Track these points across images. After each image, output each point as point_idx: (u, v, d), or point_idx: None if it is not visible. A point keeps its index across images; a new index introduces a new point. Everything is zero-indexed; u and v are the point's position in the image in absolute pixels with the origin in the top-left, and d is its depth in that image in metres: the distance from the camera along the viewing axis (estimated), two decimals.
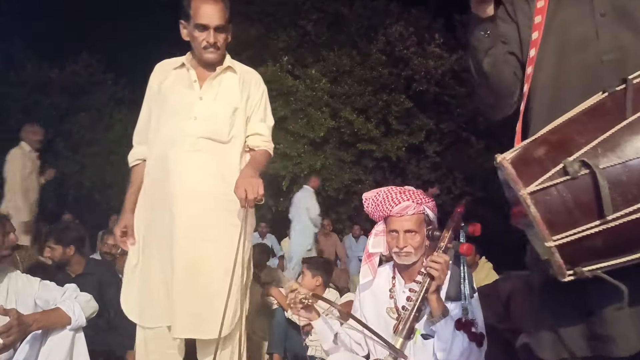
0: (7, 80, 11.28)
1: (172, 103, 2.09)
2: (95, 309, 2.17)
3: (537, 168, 1.01)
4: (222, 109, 2.09)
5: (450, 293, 1.91)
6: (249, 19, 10.67)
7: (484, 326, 1.93)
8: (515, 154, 1.08)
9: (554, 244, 0.99)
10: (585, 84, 1.19)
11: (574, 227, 0.98)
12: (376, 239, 2.11)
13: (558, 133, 1.07)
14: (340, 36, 10.75)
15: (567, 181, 0.98)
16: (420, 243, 1.99)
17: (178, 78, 2.13)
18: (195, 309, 1.97)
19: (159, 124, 2.11)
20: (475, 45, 1.34)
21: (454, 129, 10.45)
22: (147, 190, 2.13)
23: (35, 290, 2.13)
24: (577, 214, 0.98)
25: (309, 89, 9.75)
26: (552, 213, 0.99)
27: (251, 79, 2.21)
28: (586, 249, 1.00)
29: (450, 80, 10.20)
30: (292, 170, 9.54)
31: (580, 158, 0.98)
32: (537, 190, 0.99)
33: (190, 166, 2.01)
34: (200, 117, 2.05)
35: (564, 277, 1.02)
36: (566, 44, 1.27)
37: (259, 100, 2.22)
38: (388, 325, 2.00)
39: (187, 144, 2.02)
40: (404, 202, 1.99)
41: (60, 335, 2.00)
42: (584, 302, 1.14)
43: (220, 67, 2.12)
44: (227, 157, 2.10)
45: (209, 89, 2.10)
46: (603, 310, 1.11)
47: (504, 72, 1.33)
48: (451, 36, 10.44)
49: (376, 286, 2.12)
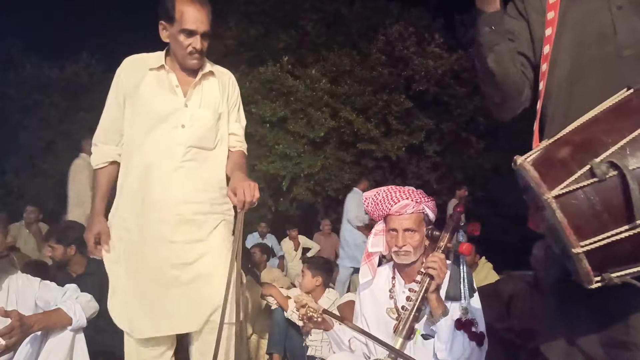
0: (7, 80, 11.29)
1: (156, 109, 1.99)
2: (96, 310, 2.17)
3: (562, 170, 0.96)
4: (208, 115, 2.05)
5: (450, 293, 1.91)
6: (249, 19, 10.67)
7: (484, 326, 1.93)
8: (536, 156, 1.03)
9: (581, 250, 0.93)
10: (604, 81, 1.14)
11: (603, 232, 0.92)
12: (376, 239, 2.11)
13: (582, 133, 1.01)
14: (340, 36, 10.74)
15: (595, 183, 0.92)
16: (419, 242, 1.99)
17: (157, 81, 2.02)
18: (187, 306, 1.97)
19: (140, 130, 2.01)
20: (479, 40, 1.28)
21: (454, 129, 10.44)
22: (126, 198, 2.03)
23: (35, 291, 2.13)
24: (605, 218, 0.92)
25: (309, 89, 9.74)
26: (580, 217, 0.93)
27: (229, 81, 2.17)
28: (615, 255, 0.94)
29: (450, 80, 10.19)
30: (292, 170, 9.54)
31: (608, 159, 0.92)
32: (562, 194, 0.94)
33: (182, 176, 1.98)
34: (188, 125, 2.00)
35: (591, 284, 0.96)
36: (582, 39, 1.21)
37: (235, 101, 2.19)
38: (388, 325, 2.00)
39: (177, 153, 1.98)
40: (403, 200, 2.00)
41: (60, 336, 2.00)
42: (605, 307, 1.09)
43: (202, 72, 2.05)
44: (215, 163, 2.09)
45: (192, 95, 2.03)
46: (630, 316, 1.06)
47: (509, 69, 1.27)
48: (451, 36, 10.44)
49: (376, 286, 2.12)
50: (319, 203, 9.97)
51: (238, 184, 1.86)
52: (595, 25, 1.20)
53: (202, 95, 2.06)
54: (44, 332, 1.98)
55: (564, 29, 1.23)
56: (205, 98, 2.06)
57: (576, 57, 1.22)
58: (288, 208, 9.95)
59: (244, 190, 1.82)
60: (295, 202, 9.95)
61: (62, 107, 11.61)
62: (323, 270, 3.41)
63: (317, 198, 9.89)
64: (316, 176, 9.58)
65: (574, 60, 1.22)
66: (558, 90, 1.24)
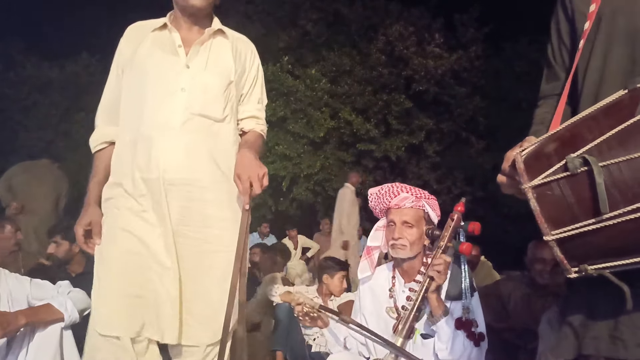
0: (7, 80, 11.28)
1: (152, 73, 1.70)
2: (89, 304, 2.15)
3: (545, 163, 1.02)
4: (215, 80, 1.74)
5: (451, 292, 1.91)
6: (249, 19, 10.67)
7: (484, 326, 1.93)
8: (532, 149, 1.09)
9: (552, 238, 0.99)
10: (625, 80, 1.13)
11: (573, 223, 0.98)
12: (376, 234, 2.13)
13: (573, 129, 1.06)
14: (340, 36, 10.74)
15: (568, 177, 0.98)
16: (416, 238, 1.99)
17: (157, 42, 1.74)
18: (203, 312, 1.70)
19: (135, 99, 1.72)
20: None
21: (454, 129, 10.44)
22: (116, 177, 1.74)
23: (27, 290, 2.10)
24: (576, 210, 0.98)
25: (309, 89, 9.74)
26: (553, 208, 0.99)
27: (247, 49, 1.86)
28: (588, 247, 0.99)
29: (450, 80, 10.18)
30: (292, 171, 9.54)
31: (583, 154, 0.97)
32: (539, 185, 1.00)
33: (181, 149, 1.67)
34: (189, 88, 1.69)
35: (569, 273, 1.02)
36: (614, 35, 1.20)
37: (255, 76, 1.88)
38: (388, 325, 2.00)
39: (176, 121, 1.67)
40: (403, 193, 2.01)
41: (47, 331, 1.98)
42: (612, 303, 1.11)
43: (210, 29, 1.75)
44: (221, 139, 1.76)
45: (196, 56, 1.73)
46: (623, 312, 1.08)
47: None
48: (451, 36, 10.43)
49: (376, 286, 2.12)
50: (318, 203, 9.96)
51: (246, 169, 1.61)
52: (628, 20, 1.19)
53: (208, 56, 1.75)
54: (32, 329, 1.96)
55: (600, 23, 1.22)
56: (212, 59, 1.75)
57: (607, 53, 1.21)
58: (288, 208, 9.94)
59: (250, 178, 1.58)
60: (295, 202, 9.95)
61: (62, 107, 11.60)
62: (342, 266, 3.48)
63: (317, 198, 9.89)
64: (316, 176, 9.58)
65: (604, 57, 1.22)
66: (588, 88, 1.24)
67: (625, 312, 1.07)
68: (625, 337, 1.09)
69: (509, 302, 3.05)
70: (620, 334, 1.10)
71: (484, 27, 10.19)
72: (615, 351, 1.10)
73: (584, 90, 1.24)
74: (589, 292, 1.14)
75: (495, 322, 2.82)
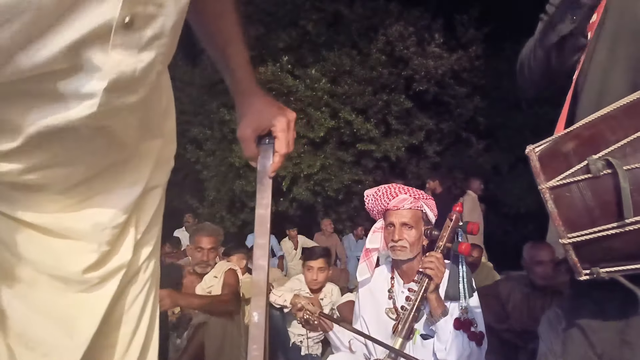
0: None
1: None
2: None
3: (563, 163, 0.97)
4: None
5: (450, 292, 1.91)
6: (249, 19, 10.66)
7: (484, 326, 1.93)
8: (545, 146, 1.04)
9: (568, 242, 0.96)
10: (633, 79, 1.12)
11: (592, 227, 0.94)
12: (374, 235, 2.12)
13: (592, 128, 1.01)
14: (340, 36, 10.73)
15: (589, 179, 0.93)
16: (416, 239, 1.99)
17: None
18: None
19: None
20: (554, 21, 1.20)
21: (454, 129, 10.44)
22: None
23: None
24: (596, 213, 0.94)
25: (308, 89, 9.74)
26: (571, 210, 0.95)
27: None
28: (604, 251, 0.96)
29: (450, 80, 10.17)
30: (292, 171, 9.53)
31: (606, 156, 0.93)
32: (557, 186, 0.96)
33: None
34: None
35: (580, 276, 0.99)
36: (620, 31, 1.17)
37: None
38: (387, 325, 2.00)
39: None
40: (401, 195, 2.01)
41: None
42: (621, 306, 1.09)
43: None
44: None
45: None
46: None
47: (565, 64, 1.23)
48: (451, 36, 10.41)
49: (375, 287, 2.11)
50: (318, 203, 9.96)
51: (271, 118, 0.98)
52: (635, 15, 1.15)
53: None
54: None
55: (607, 17, 1.18)
56: None
57: (612, 50, 1.18)
58: (288, 208, 9.94)
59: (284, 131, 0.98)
60: (295, 202, 9.94)
61: None
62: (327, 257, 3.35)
63: (317, 198, 9.88)
64: (316, 176, 9.57)
65: (609, 53, 1.18)
66: (590, 84, 1.21)
67: (635, 315, 1.06)
68: (634, 340, 1.08)
69: (508, 303, 3.05)
70: (630, 338, 1.08)
71: (484, 27, 10.18)
72: (623, 355, 1.09)
73: (586, 85, 1.21)
74: (597, 295, 1.12)
75: (494, 322, 2.82)
